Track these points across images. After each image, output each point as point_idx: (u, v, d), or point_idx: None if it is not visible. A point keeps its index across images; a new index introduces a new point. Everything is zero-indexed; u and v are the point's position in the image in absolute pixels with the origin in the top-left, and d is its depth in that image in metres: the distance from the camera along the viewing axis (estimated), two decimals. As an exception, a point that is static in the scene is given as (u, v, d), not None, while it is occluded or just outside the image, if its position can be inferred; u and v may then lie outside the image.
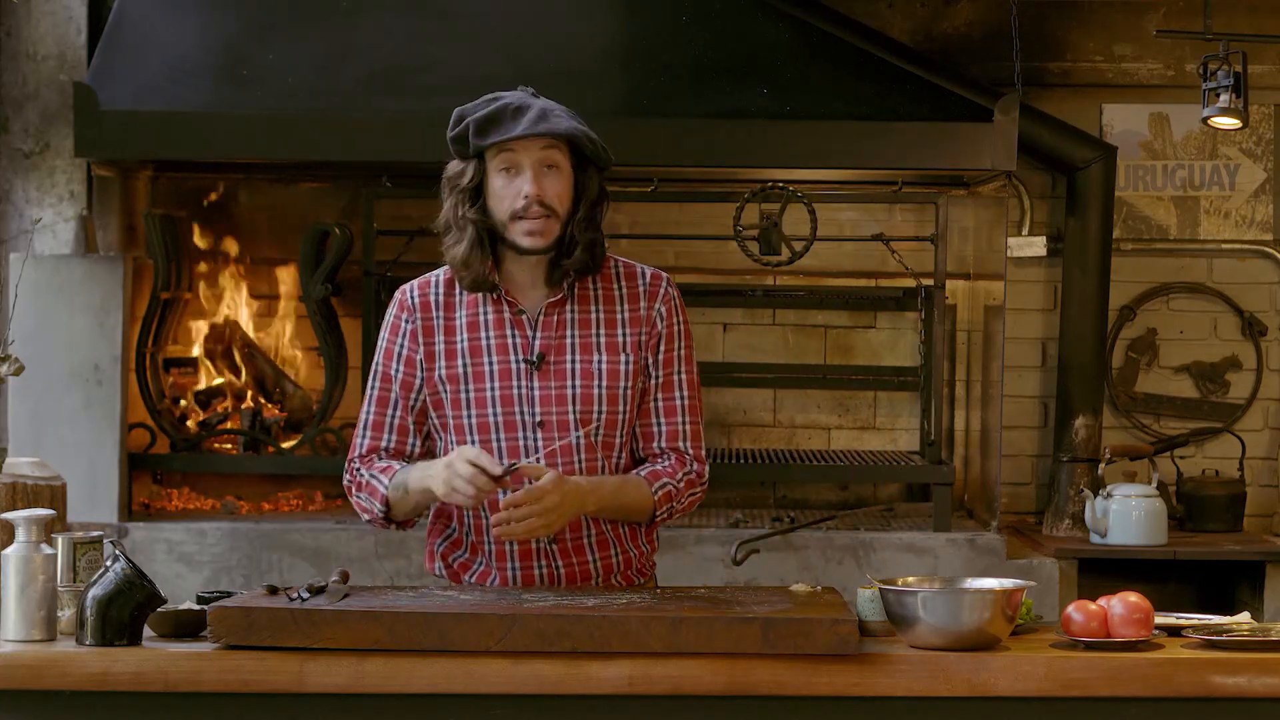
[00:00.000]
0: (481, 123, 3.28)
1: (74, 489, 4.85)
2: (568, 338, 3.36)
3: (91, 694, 3.02)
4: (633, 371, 3.37)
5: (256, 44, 5.66)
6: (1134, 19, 6.27)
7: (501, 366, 3.35)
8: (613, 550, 3.43)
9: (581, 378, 3.35)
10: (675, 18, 5.68)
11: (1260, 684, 3.02)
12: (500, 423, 3.34)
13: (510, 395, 3.34)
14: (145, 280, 5.94)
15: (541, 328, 3.36)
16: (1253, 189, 6.33)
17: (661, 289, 3.42)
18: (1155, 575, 5.83)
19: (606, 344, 3.37)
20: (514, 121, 3.27)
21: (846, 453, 6.24)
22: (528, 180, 3.28)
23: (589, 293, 3.39)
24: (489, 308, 3.38)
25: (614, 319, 3.39)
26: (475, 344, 3.37)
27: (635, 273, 3.44)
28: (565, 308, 3.38)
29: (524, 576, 3.38)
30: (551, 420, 3.34)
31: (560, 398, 3.34)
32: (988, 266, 6.11)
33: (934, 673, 3.01)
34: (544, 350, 3.35)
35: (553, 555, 3.38)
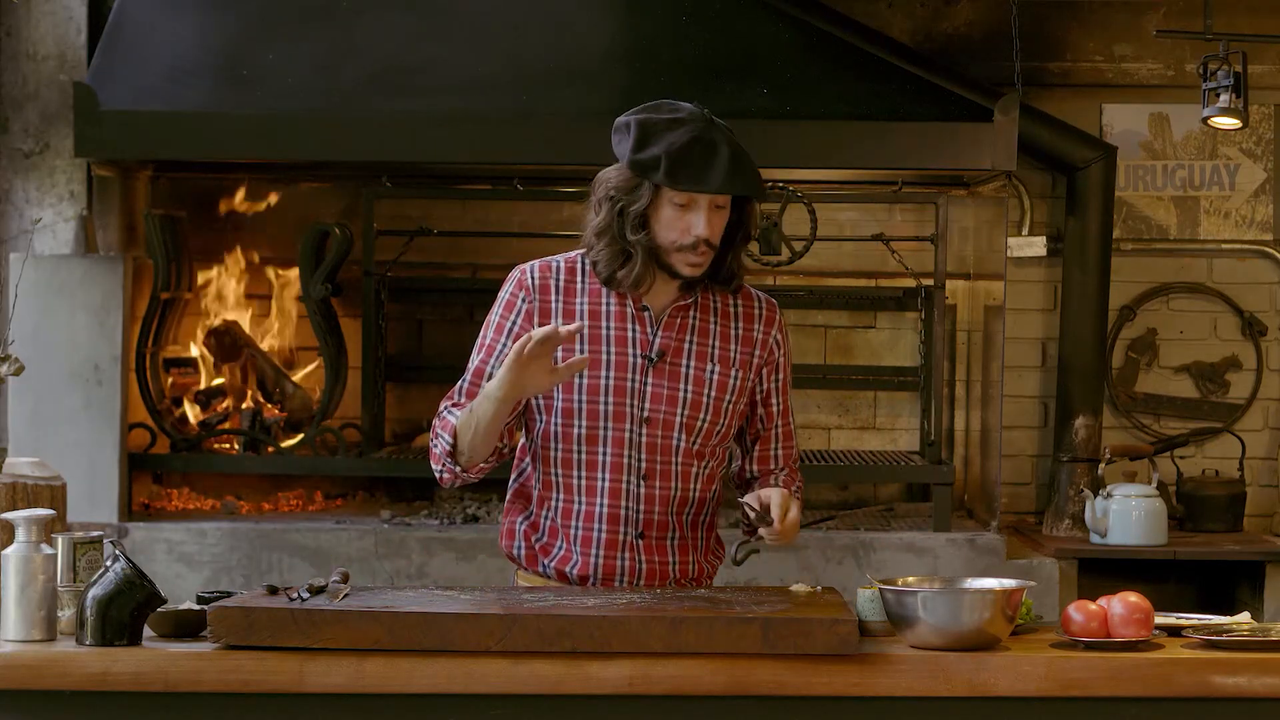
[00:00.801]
0: (674, 158, 3.28)
1: (74, 489, 4.85)
2: (686, 342, 3.42)
3: (91, 694, 3.02)
4: (738, 387, 3.45)
5: (256, 44, 5.66)
6: (1134, 19, 6.27)
7: (619, 358, 3.39)
8: (690, 557, 3.47)
9: (694, 383, 3.41)
10: (675, 18, 5.68)
11: (1260, 684, 3.02)
12: (610, 411, 3.38)
13: (624, 386, 3.38)
14: (145, 280, 5.94)
15: (664, 327, 3.41)
16: (1253, 189, 6.33)
17: (778, 316, 3.52)
18: (1155, 575, 5.83)
19: (720, 355, 3.44)
20: (706, 166, 3.28)
21: (846, 453, 6.24)
22: (701, 221, 3.32)
23: (710, 304, 3.46)
24: (612, 300, 3.42)
25: (728, 333, 3.45)
26: (595, 332, 3.40)
27: (750, 294, 3.51)
28: (688, 313, 3.44)
29: (606, 565, 3.41)
30: (659, 418, 3.39)
31: (671, 398, 3.39)
32: (988, 266, 6.11)
33: (934, 673, 3.01)
34: (664, 348, 3.40)
35: (638, 549, 3.41)
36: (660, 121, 3.33)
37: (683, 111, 3.35)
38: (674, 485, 3.41)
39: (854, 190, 6.17)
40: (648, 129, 3.32)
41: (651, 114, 3.35)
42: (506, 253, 6.25)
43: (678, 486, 3.42)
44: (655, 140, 3.31)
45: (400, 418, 6.36)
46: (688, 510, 3.45)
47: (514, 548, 3.50)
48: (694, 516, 3.47)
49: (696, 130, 3.31)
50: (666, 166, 3.29)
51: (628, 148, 3.32)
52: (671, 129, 3.31)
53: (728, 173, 3.29)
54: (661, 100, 3.39)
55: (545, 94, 5.57)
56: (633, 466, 3.38)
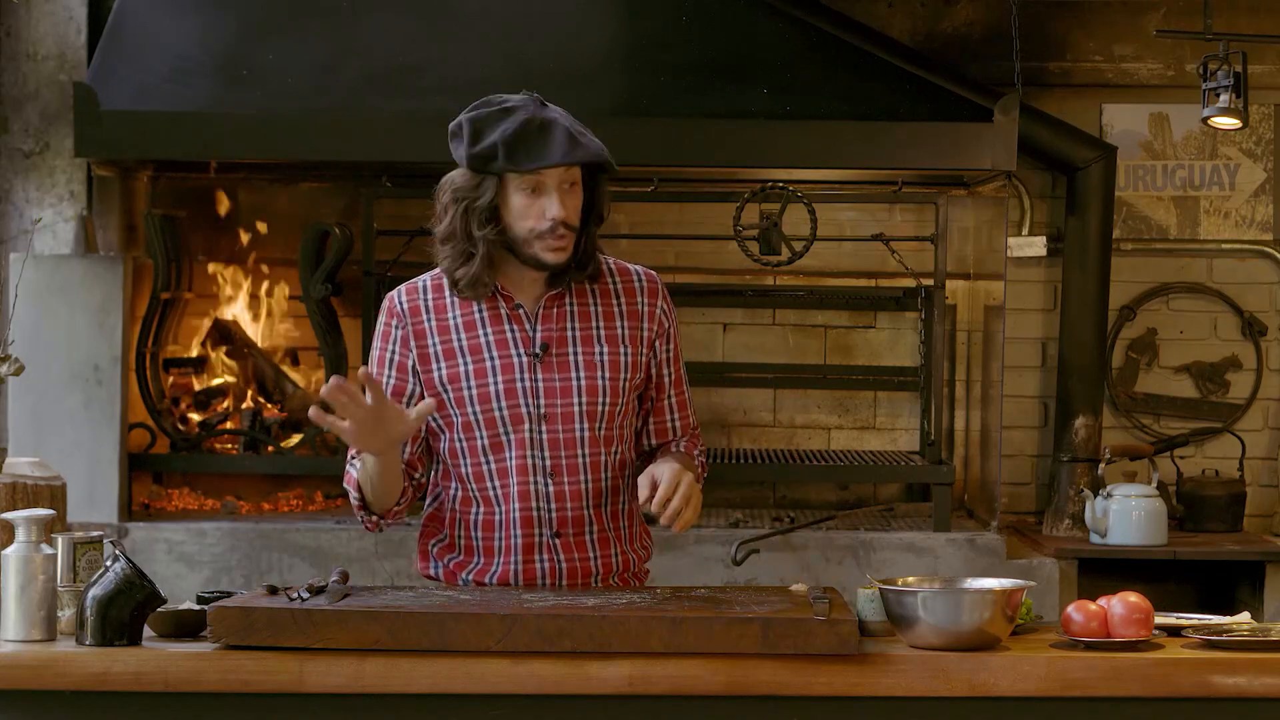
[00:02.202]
0: (511, 143, 3.25)
1: (74, 489, 4.85)
2: (569, 330, 3.38)
3: (91, 694, 3.02)
4: (631, 364, 3.40)
5: (256, 44, 5.66)
6: (1134, 19, 6.27)
7: (504, 361, 3.36)
8: (613, 549, 3.44)
9: (585, 369, 3.37)
10: (675, 18, 5.68)
11: (1260, 684, 3.02)
12: (506, 416, 3.35)
13: (514, 388, 3.35)
14: (145, 280, 5.94)
15: (541, 321, 3.37)
16: (1253, 189, 6.33)
17: (659, 286, 3.47)
18: (1155, 575, 5.83)
19: (607, 336, 3.40)
20: (544, 143, 3.25)
21: (846, 453, 6.24)
22: (554, 203, 3.28)
23: (585, 288, 3.41)
24: (483, 305, 3.38)
25: (611, 312, 3.41)
26: (474, 342, 3.37)
27: (628, 270, 3.47)
28: (563, 301, 3.39)
29: (525, 570, 3.39)
30: (556, 412, 3.35)
31: (565, 389, 3.36)
32: (988, 266, 6.11)
33: (934, 673, 3.01)
34: (546, 340, 3.37)
35: (555, 549, 3.38)
36: (491, 114, 3.30)
37: (512, 101, 3.31)
38: (583, 478, 3.37)
39: (854, 190, 6.17)
40: (479, 123, 3.29)
41: (482, 109, 3.31)
42: (506, 253, 6.26)
43: (588, 479, 3.37)
44: (489, 131, 3.27)
45: (400, 418, 6.35)
46: (604, 502, 3.40)
47: (430, 569, 3.50)
48: (612, 507, 3.42)
49: (528, 113, 3.28)
50: (505, 152, 3.25)
51: (464, 146, 3.28)
52: (504, 118, 3.28)
53: (567, 145, 3.25)
54: (490, 96, 3.35)
55: (545, 94, 5.53)
56: (538, 466, 3.35)
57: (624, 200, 6.02)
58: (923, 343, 6.06)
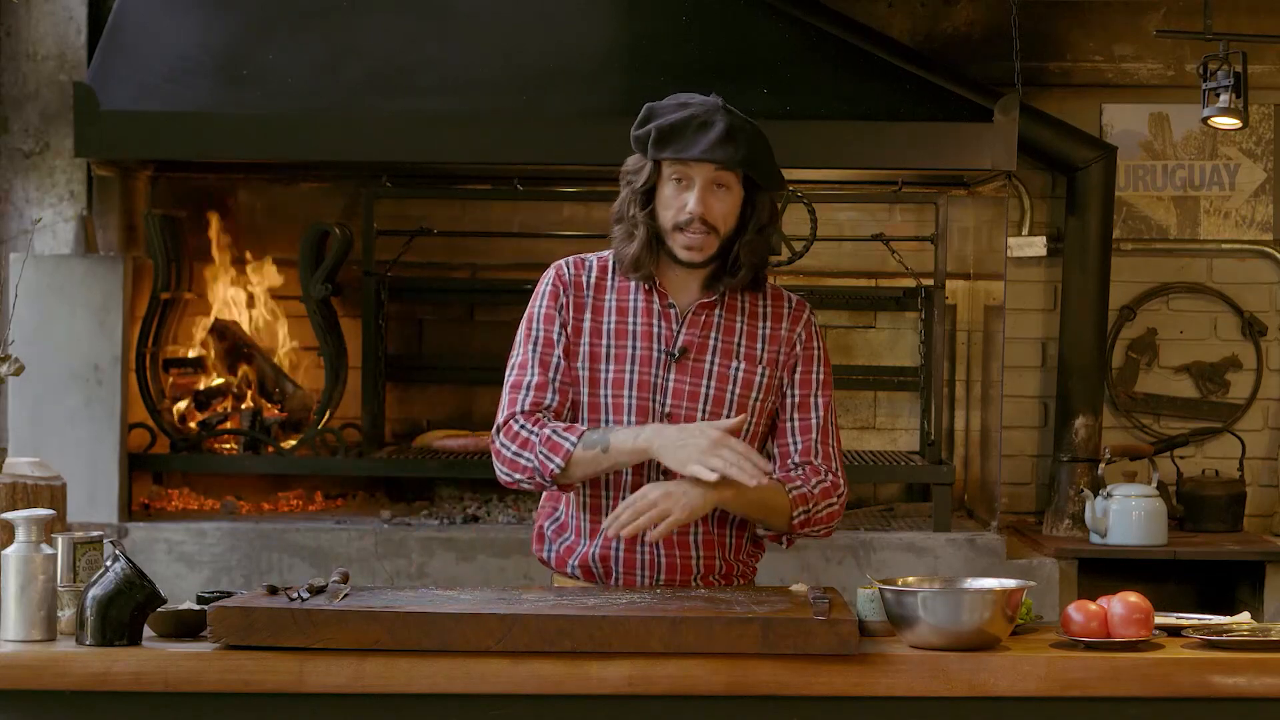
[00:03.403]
0: (664, 132, 3.32)
1: (74, 489, 4.85)
2: (711, 339, 3.42)
3: (91, 694, 3.02)
4: (765, 385, 3.44)
5: (256, 44, 5.66)
6: (1134, 19, 6.27)
7: (643, 353, 3.41)
8: (716, 554, 3.45)
9: (717, 379, 3.41)
10: (675, 18, 5.68)
11: (1260, 684, 3.02)
12: (633, 406, 3.39)
13: (647, 382, 3.39)
14: (145, 280, 5.94)
15: (688, 324, 3.42)
16: (1253, 189, 6.33)
17: (805, 315, 3.51)
18: (1155, 575, 5.83)
19: (746, 353, 3.44)
20: (695, 139, 3.31)
21: (847, 453, 6.23)
22: (694, 197, 3.33)
23: (738, 303, 3.46)
24: (639, 296, 3.43)
25: (755, 332, 3.45)
26: (621, 327, 3.42)
27: (781, 295, 3.52)
28: (715, 310, 3.44)
29: (626, 560, 3.40)
30: (680, 414, 3.39)
31: (693, 394, 3.40)
32: (988, 266, 6.11)
33: (934, 673, 3.01)
34: (687, 345, 3.41)
35: (658, 544, 3.39)
36: (669, 105, 3.38)
37: (696, 100, 3.38)
38: None
39: (854, 190, 6.17)
40: (653, 110, 3.38)
41: (668, 100, 3.40)
42: (506, 253, 6.26)
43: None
44: (655, 118, 3.36)
45: (400, 418, 6.36)
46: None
47: (544, 551, 3.51)
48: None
49: (696, 111, 3.34)
50: (655, 137, 3.33)
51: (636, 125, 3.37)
52: (676, 111, 3.36)
53: (714, 143, 3.30)
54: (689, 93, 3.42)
55: (545, 94, 5.57)
56: (653, 463, 3.37)
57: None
58: (923, 343, 6.06)
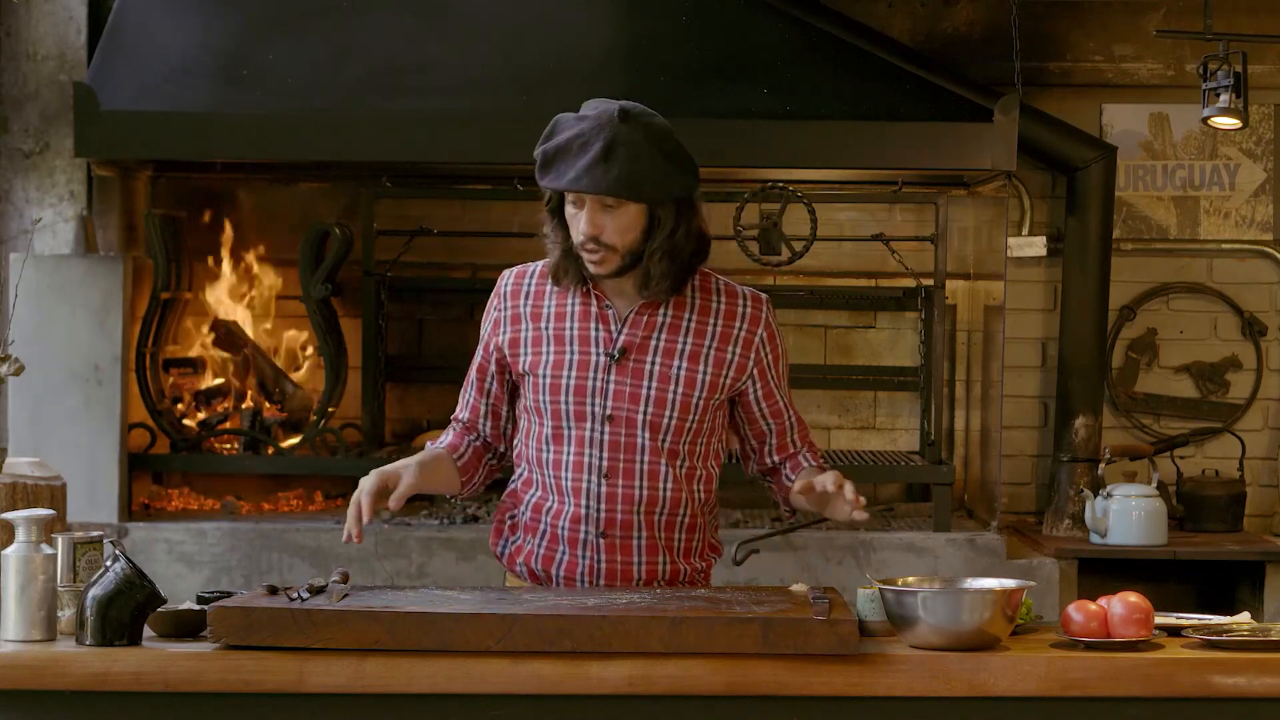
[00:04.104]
0: (547, 157, 3.28)
1: (74, 489, 4.85)
2: (653, 339, 3.39)
3: (91, 694, 3.02)
4: (709, 384, 3.39)
5: (256, 44, 5.66)
6: (1134, 19, 6.27)
7: (581, 357, 3.38)
8: (661, 558, 3.43)
9: (659, 380, 3.37)
10: (675, 18, 5.68)
11: (1260, 684, 3.02)
12: (571, 410, 3.37)
13: (585, 386, 3.36)
14: (145, 280, 5.94)
15: (629, 325, 3.38)
16: (1253, 189, 6.33)
17: (764, 313, 3.45)
18: (1155, 575, 5.83)
19: (690, 352, 3.39)
20: (571, 164, 3.25)
21: (846, 453, 6.24)
22: (583, 219, 3.30)
23: (685, 300, 3.41)
24: (578, 300, 3.41)
25: (704, 330, 3.41)
26: (560, 333, 3.40)
27: (736, 293, 3.45)
28: (657, 311, 3.40)
29: (569, 563, 3.40)
30: (621, 416, 3.36)
31: (634, 395, 3.36)
32: (988, 266, 6.11)
33: (934, 673, 3.01)
34: (627, 346, 3.38)
35: (599, 549, 3.39)
36: (570, 119, 3.31)
37: (597, 109, 3.30)
38: (639, 484, 3.37)
39: (854, 190, 6.17)
40: (556, 124, 3.32)
41: (574, 113, 3.33)
42: (506, 253, 6.25)
43: (643, 486, 3.37)
44: (552, 136, 3.30)
45: (400, 417, 6.36)
46: (659, 510, 3.39)
47: (498, 547, 3.51)
48: (668, 518, 3.41)
49: (584, 127, 3.26)
50: (540, 163, 3.29)
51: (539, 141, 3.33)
52: (572, 126, 3.28)
53: (584, 170, 3.23)
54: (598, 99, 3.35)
55: (545, 94, 5.57)
56: (594, 465, 3.36)
57: (624, 200, 6.01)
58: (923, 343, 6.06)
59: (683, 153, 3.34)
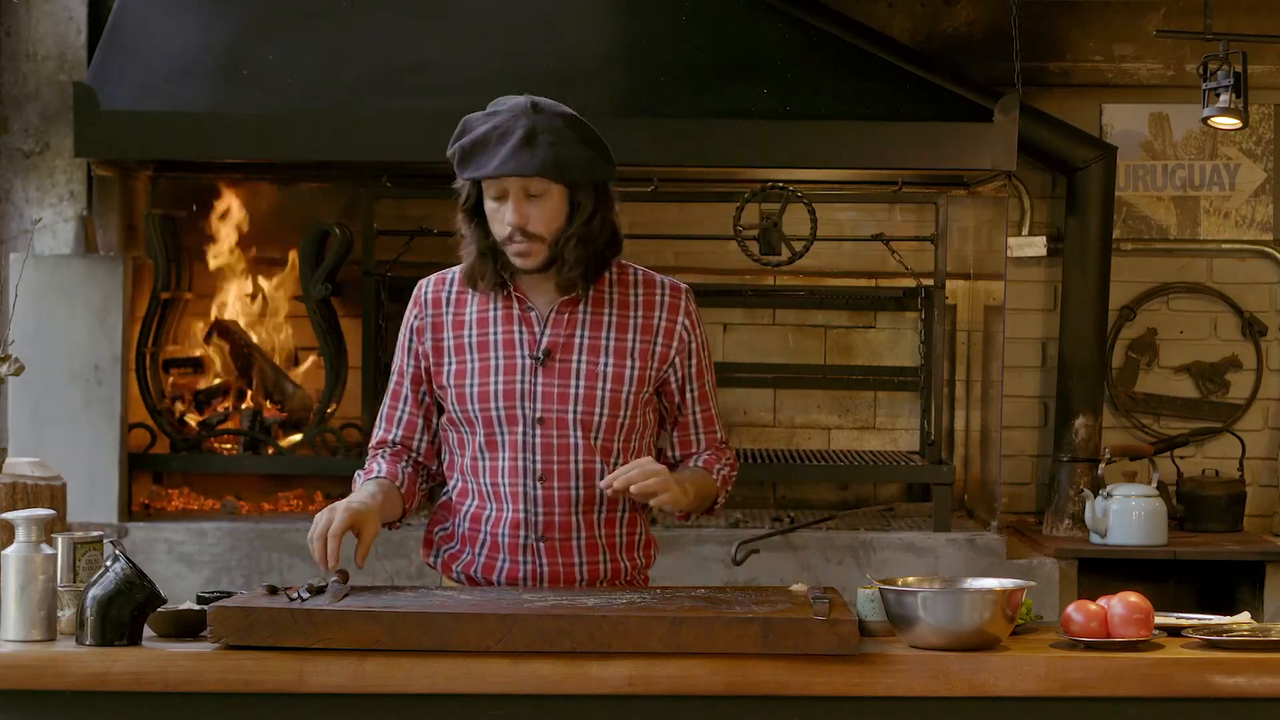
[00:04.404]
0: (466, 151, 3.27)
1: (74, 489, 4.85)
2: (577, 337, 3.38)
3: (91, 694, 3.02)
4: (637, 378, 3.39)
5: (256, 44, 5.66)
6: (1134, 19, 6.27)
7: (507, 361, 3.37)
8: (601, 557, 3.43)
9: (586, 378, 3.36)
10: (675, 18, 5.68)
11: (1260, 684, 3.02)
12: (502, 416, 3.35)
13: (513, 390, 3.35)
14: (145, 280, 5.94)
15: (551, 325, 3.37)
16: (1253, 189, 6.33)
17: (683, 302, 3.45)
18: (1155, 575, 5.83)
19: (615, 347, 3.39)
20: (493, 152, 3.24)
21: (846, 453, 6.24)
22: (509, 210, 3.28)
23: (604, 295, 3.40)
24: (499, 304, 3.39)
25: (625, 323, 3.40)
26: (483, 339, 3.39)
27: (654, 282, 3.45)
28: (578, 308, 3.39)
29: (510, 570, 3.40)
30: (551, 417, 3.35)
31: (562, 395, 3.35)
32: (988, 266, 6.11)
33: (934, 673, 3.01)
34: (551, 347, 3.36)
35: (539, 552, 3.39)
36: (479, 116, 3.31)
37: (505, 105, 3.30)
38: (573, 485, 3.37)
39: (854, 190, 6.17)
40: (466, 123, 3.31)
41: (479, 113, 3.32)
42: (506, 253, 6.25)
43: (578, 486, 3.37)
44: (464, 135, 3.30)
45: (400, 418, 6.35)
46: (596, 510, 3.39)
47: (430, 556, 3.51)
48: (606, 515, 3.42)
49: (499, 120, 3.27)
50: (459, 158, 3.28)
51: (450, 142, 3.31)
52: (484, 122, 3.28)
53: (508, 155, 3.23)
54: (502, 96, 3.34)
55: (545, 94, 5.53)
56: (529, 469, 3.36)
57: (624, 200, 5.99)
58: (923, 343, 6.06)
59: (600, 139, 3.34)
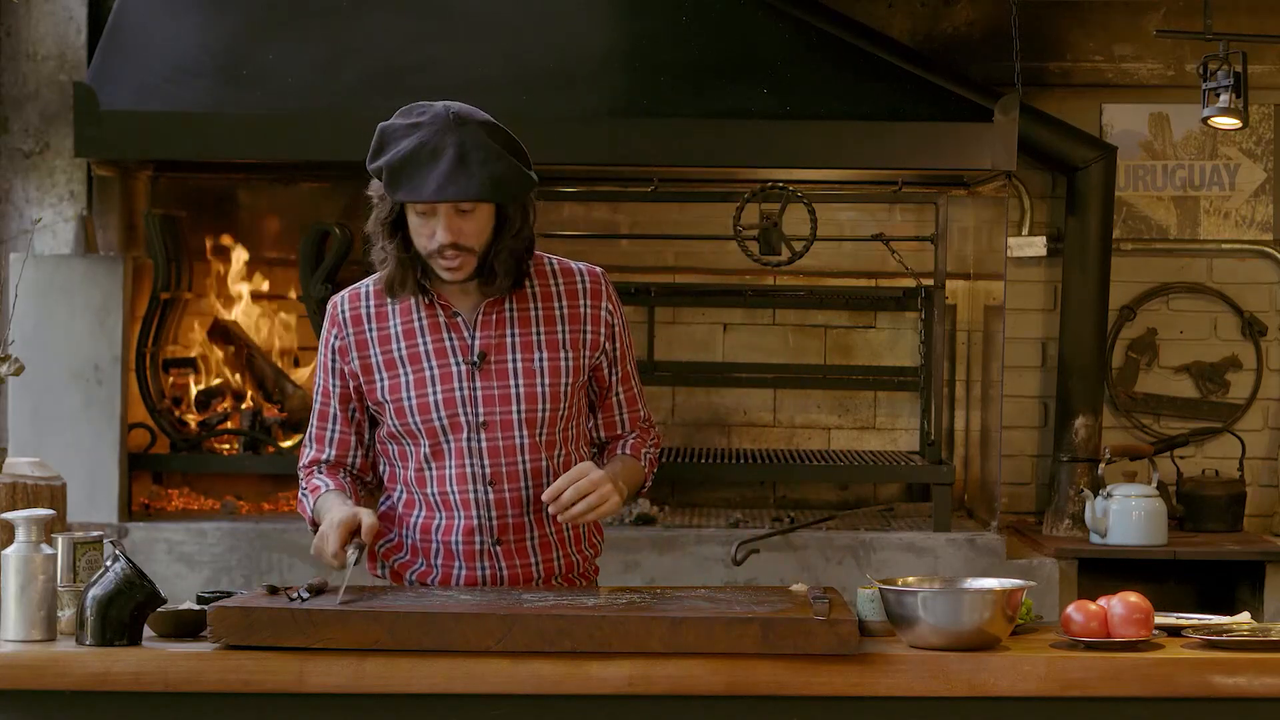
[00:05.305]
0: (395, 170, 3.21)
1: (74, 489, 4.84)
2: (507, 336, 3.37)
3: (91, 694, 3.02)
4: (572, 368, 3.39)
5: (256, 44, 5.66)
6: (1134, 19, 6.27)
7: (442, 370, 3.35)
8: (555, 553, 3.43)
9: (524, 376, 3.36)
10: (675, 18, 5.68)
11: (1260, 684, 3.02)
12: (445, 425, 3.34)
13: (453, 397, 3.34)
14: (145, 280, 5.94)
15: (480, 328, 3.36)
16: (1253, 189, 6.33)
17: (603, 287, 3.44)
18: (1155, 575, 5.83)
19: (546, 341, 3.38)
20: (426, 175, 3.19)
21: (846, 453, 6.24)
22: (441, 228, 3.24)
23: (525, 291, 3.39)
24: (423, 313, 3.37)
25: (552, 315, 3.39)
26: (414, 351, 3.37)
27: (571, 270, 3.44)
28: (503, 306, 3.37)
29: (467, 576, 3.40)
30: (495, 420, 3.35)
31: (504, 397, 3.35)
32: (988, 266, 6.11)
33: (934, 673, 3.01)
34: (484, 350, 3.36)
35: (496, 556, 3.39)
36: (400, 128, 3.25)
37: (426, 115, 3.25)
38: (523, 485, 3.36)
39: (854, 190, 6.17)
40: (385, 136, 3.26)
41: (399, 119, 3.27)
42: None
43: (528, 486, 3.36)
44: (387, 148, 3.24)
45: (400, 418, 6.35)
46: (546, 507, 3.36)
47: (378, 569, 3.49)
48: None
49: (425, 136, 3.21)
50: (388, 178, 3.22)
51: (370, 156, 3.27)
52: (406, 135, 3.23)
53: (445, 178, 3.18)
54: (417, 103, 3.29)
55: (545, 95, 5.57)
56: (477, 474, 3.35)
57: (624, 200, 6.02)
58: (923, 343, 6.06)
59: (520, 147, 3.31)
